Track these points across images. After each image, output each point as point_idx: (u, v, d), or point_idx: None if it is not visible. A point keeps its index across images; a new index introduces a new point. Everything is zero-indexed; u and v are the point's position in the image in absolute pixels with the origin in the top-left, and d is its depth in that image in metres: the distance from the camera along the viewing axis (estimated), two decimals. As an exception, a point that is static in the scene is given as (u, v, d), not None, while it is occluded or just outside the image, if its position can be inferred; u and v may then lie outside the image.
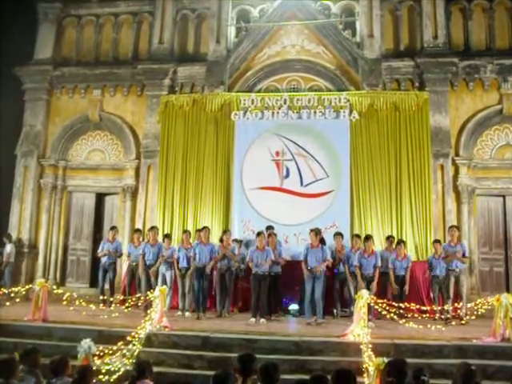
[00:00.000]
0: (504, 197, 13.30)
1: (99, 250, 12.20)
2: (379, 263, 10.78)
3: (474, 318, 10.06)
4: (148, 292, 10.05)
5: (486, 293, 11.94)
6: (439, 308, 10.71)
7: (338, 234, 11.53)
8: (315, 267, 10.23)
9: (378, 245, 12.01)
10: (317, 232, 10.62)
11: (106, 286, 12.02)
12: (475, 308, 9.57)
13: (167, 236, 12.01)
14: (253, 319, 10.39)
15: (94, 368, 6.37)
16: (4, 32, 14.96)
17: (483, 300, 9.41)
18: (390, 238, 11.86)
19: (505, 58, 13.32)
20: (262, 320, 10.38)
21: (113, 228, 12.53)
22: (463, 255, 10.96)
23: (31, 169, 14.66)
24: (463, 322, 10.40)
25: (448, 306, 10.56)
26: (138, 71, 14.38)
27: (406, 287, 11.04)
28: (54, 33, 15.37)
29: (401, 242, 11.53)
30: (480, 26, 13.82)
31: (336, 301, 11.29)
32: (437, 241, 11.55)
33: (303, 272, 10.53)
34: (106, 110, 14.80)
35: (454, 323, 10.35)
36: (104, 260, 12.01)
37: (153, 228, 11.99)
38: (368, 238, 11.08)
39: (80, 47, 15.39)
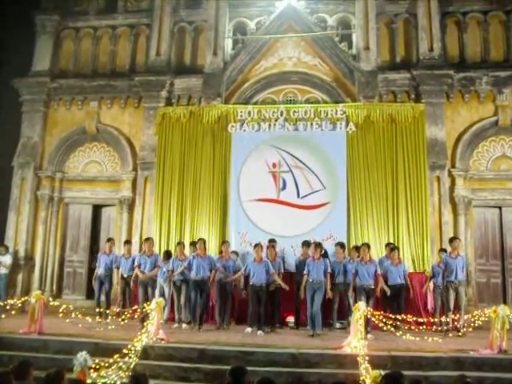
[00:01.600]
0: (500, 208, 13.34)
1: (97, 264, 12.16)
2: (379, 270, 10.78)
3: (471, 329, 10.06)
4: (144, 304, 10.03)
5: (483, 304, 11.95)
6: (436, 319, 10.68)
7: (339, 245, 11.54)
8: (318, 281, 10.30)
9: (375, 257, 11.99)
10: (317, 245, 10.70)
11: (103, 298, 11.99)
12: (472, 320, 9.56)
13: (167, 253, 11.99)
14: (249, 329, 10.41)
15: (90, 381, 6.34)
16: (2, 44, 15.02)
17: (480, 312, 9.40)
18: (388, 245, 11.87)
19: (500, 70, 13.42)
20: (259, 332, 10.38)
21: (109, 240, 12.51)
22: (462, 268, 10.92)
23: (28, 180, 14.65)
24: (460, 333, 10.37)
25: (446, 318, 10.53)
26: (135, 83, 14.43)
27: (402, 300, 11.01)
28: (51, 45, 15.41)
29: (394, 248, 11.53)
30: (475, 39, 13.93)
31: (333, 312, 11.27)
32: (442, 249, 11.57)
33: (302, 286, 10.55)
34: (103, 121, 14.83)
35: (451, 335, 10.33)
36: (100, 272, 11.98)
37: (148, 239, 11.99)
38: (364, 245, 11.09)
39: (77, 59, 15.45)
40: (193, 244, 11.83)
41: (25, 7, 15.56)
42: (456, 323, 10.34)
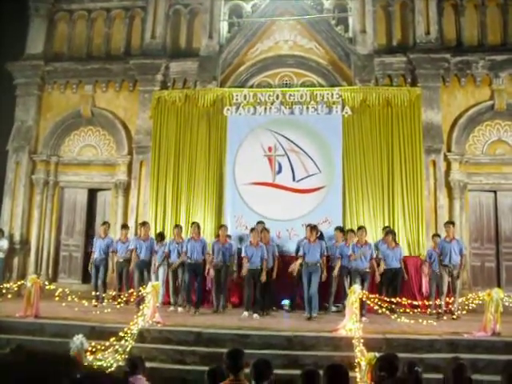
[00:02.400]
0: (495, 192, 13.38)
1: (93, 249, 12.17)
2: (374, 254, 10.85)
3: (465, 312, 10.14)
4: (140, 287, 10.07)
5: (478, 288, 12.00)
6: (431, 303, 10.75)
7: (338, 229, 11.55)
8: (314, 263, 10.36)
9: (371, 239, 12.07)
10: (313, 227, 10.73)
11: (99, 282, 12.02)
12: (466, 303, 9.64)
13: (161, 235, 12.03)
14: (245, 313, 10.47)
15: (87, 364, 6.37)
16: (-5, 27, 14.88)
17: (474, 295, 9.47)
18: (384, 229, 11.92)
19: (496, 53, 13.36)
20: (256, 315, 10.45)
21: (104, 223, 12.52)
22: (460, 251, 10.97)
23: (23, 164, 14.59)
24: (454, 316, 10.45)
25: (440, 301, 10.62)
26: (130, 66, 14.33)
27: (398, 284, 11.09)
28: (45, 28, 15.26)
29: (390, 231, 11.57)
30: (472, 22, 13.85)
31: (330, 296, 11.33)
32: (436, 235, 11.63)
33: (296, 267, 10.62)
34: (98, 105, 14.75)
35: (445, 318, 10.40)
36: (95, 256, 12.00)
37: (144, 223, 12.00)
38: (360, 228, 11.15)
39: (72, 42, 15.29)
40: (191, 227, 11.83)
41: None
42: (450, 306, 10.42)
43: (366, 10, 13.87)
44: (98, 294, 11.38)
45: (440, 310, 10.61)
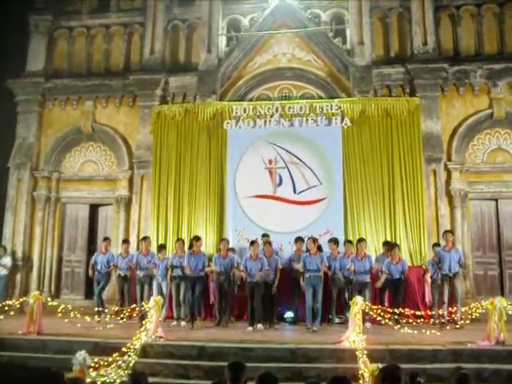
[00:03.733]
0: (496, 200, 13.38)
1: (91, 262, 12.18)
2: (374, 265, 10.87)
3: (468, 322, 10.09)
4: (143, 302, 10.06)
5: (481, 297, 11.97)
6: (434, 313, 10.70)
7: (333, 241, 11.57)
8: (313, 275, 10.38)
9: (373, 251, 12.08)
10: (314, 240, 10.76)
11: (103, 297, 12.02)
12: (470, 312, 9.60)
13: (162, 247, 12.05)
14: (250, 328, 10.43)
15: (89, 380, 6.36)
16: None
17: (477, 304, 9.44)
18: (386, 244, 11.91)
19: (494, 62, 13.43)
20: (260, 325, 10.45)
21: (105, 239, 12.52)
22: (459, 260, 10.98)
23: (24, 181, 14.63)
24: (457, 326, 10.41)
25: (442, 311, 10.59)
26: (130, 82, 14.42)
27: (401, 295, 11.05)
28: (45, 45, 15.37)
29: (395, 245, 11.56)
30: (469, 32, 13.93)
31: (332, 307, 11.31)
32: (436, 244, 11.63)
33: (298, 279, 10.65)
34: (99, 121, 14.82)
35: (448, 327, 10.36)
36: (97, 272, 12.00)
37: (145, 238, 12.01)
38: (360, 240, 11.17)
39: (71, 59, 15.41)
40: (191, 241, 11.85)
41: (18, 7, 15.54)
42: (453, 316, 10.38)
43: (364, 22, 13.97)
44: (99, 309, 11.36)
45: (443, 320, 10.58)
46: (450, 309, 10.36)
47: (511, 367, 7.76)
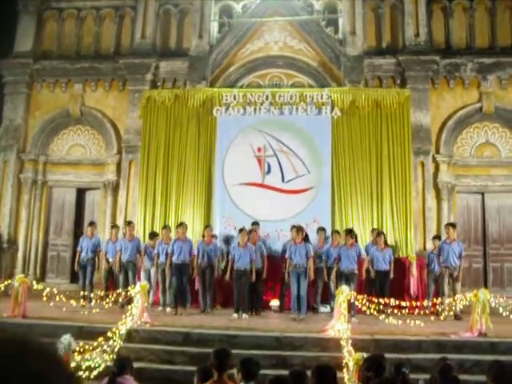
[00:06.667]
0: (483, 194, 13.49)
1: (78, 248, 12.11)
2: (364, 254, 10.88)
3: (451, 313, 10.20)
4: (127, 288, 10.07)
5: (464, 288, 12.06)
6: (426, 304, 10.66)
7: (322, 230, 11.59)
8: (301, 264, 10.36)
9: (359, 241, 12.11)
10: (299, 229, 10.73)
11: (87, 282, 11.97)
12: (454, 304, 9.69)
13: (154, 234, 12.02)
14: (235, 315, 10.46)
15: (74, 364, 6.34)
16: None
17: (461, 296, 9.53)
18: (374, 231, 11.96)
19: (485, 56, 13.48)
20: (245, 315, 10.45)
21: (91, 223, 12.44)
22: (460, 253, 11.04)
23: (11, 163, 14.49)
24: (457, 316, 10.43)
25: (442, 300, 10.51)
26: (120, 66, 14.29)
27: (387, 286, 11.09)
28: (34, 25, 15.16)
29: (380, 233, 11.61)
30: (461, 25, 13.95)
31: (317, 297, 11.37)
32: (436, 237, 11.69)
33: (286, 269, 10.64)
34: (88, 104, 14.69)
35: (441, 318, 10.35)
36: (82, 255, 11.93)
37: (129, 223, 11.97)
38: (349, 232, 11.13)
39: (61, 40, 15.22)
40: (176, 228, 11.84)
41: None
42: (454, 308, 10.37)
43: (356, 12, 13.94)
44: (85, 294, 11.32)
45: (439, 309, 10.53)
46: (451, 300, 10.27)
47: (493, 358, 7.84)
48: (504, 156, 13.45)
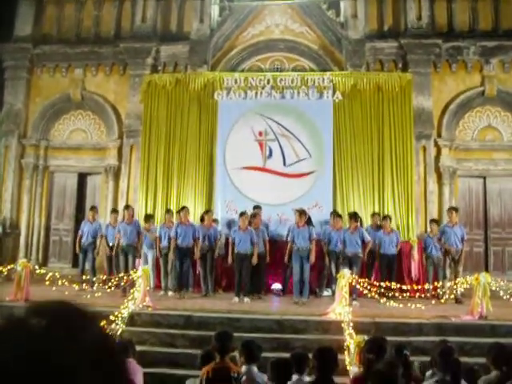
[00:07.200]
0: (485, 178, 13.46)
1: (79, 232, 12.15)
2: (368, 238, 10.88)
3: (453, 296, 10.24)
4: (129, 272, 10.12)
5: (466, 272, 12.10)
6: (427, 287, 10.69)
7: (335, 214, 11.57)
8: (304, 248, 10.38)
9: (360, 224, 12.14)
10: (302, 212, 10.74)
11: (87, 267, 12.00)
12: (454, 287, 9.73)
13: (149, 216, 12.06)
14: (236, 298, 10.50)
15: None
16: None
17: (462, 279, 9.57)
18: (375, 215, 11.98)
19: (487, 40, 13.36)
20: (246, 299, 10.49)
21: (92, 208, 12.48)
22: (462, 237, 11.07)
23: (12, 149, 14.47)
24: (458, 300, 10.46)
25: (441, 285, 10.51)
26: (121, 50, 14.20)
27: (394, 270, 11.13)
28: (34, 9, 15.02)
29: (386, 217, 11.63)
30: (463, 8, 13.81)
31: (322, 280, 11.40)
32: (433, 220, 11.71)
33: (287, 252, 10.68)
34: (88, 89, 14.63)
35: (442, 301, 10.37)
36: (83, 240, 11.97)
37: (127, 207, 11.97)
38: (353, 215, 11.13)
39: (61, 25, 15.10)
40: (179, 212, 11.86)
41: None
42: (454, 291, 10.40)
43: (358, -5, 13.81)
44: (87, 278, 11.37)
45: (440, 292, 10.54)
46: (452, 283, 10.28)
47: (493, 340, 7.88)
48: (506, 140, 13.40)
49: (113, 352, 0.94)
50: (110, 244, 11.79)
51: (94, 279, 11.44)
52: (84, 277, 11.38)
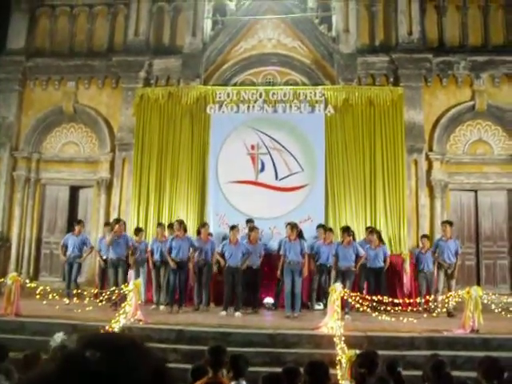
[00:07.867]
0: (476, 191, 13.53)
1: (61, 243, 12.10)
2: (362, 252, 10.88)
3: (444, 310, 10.25)
4: (120, 286, 10.06)
5: (458, 286, 12.11)
6: (419, 301, 10.70)
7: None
8: (295, 261, 10.39)
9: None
10: (293, 226, 10.74)
11: (72, 280, 11.90)
12: (446, 301, 9.74)
13: (139, 230, 12.01)
14: (223, 312, 10.45)
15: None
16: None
17: (454, 293, 9.59)
18: (368, 229, 11.99)
19: (478, 54, 13.49)
20: (237, 313, 10.44)
21: (79, 222, 12.42)
22: (456, 251, 11.11)
23: (4, 161, 14.41)
24: (450, 313, 10.47)
25: (433, 298, 10.50)
26: (113, 63, 14.23)
27: (382, 283, 11.13)
28: (27, 22, 15.04)
29: (372, 231, 11.64)
30: (454, 23, 13.96)
31: (313, 294, 11.38)
32: (425, 236, 11.73)
33: (280, 266, 10.66)
34: (81, 102, 14.63)
35: (434, 315, 10.40)
36: (68, 253, 11.88)
37: (118, 220, 11.90)
38: (346, 230, 11.13)
39: (54, 38, 15.13)
40: (170, 226, 11.81)
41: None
42: (446, 305, 10.42)
43: (350, 9, 13.92)
44: (73, 292, 11.24)
45: (432, 306, 10.55)
46: (444, 297, 10.29)
47: (485, 354, 7.88)
48: (496, 153, 13.49)
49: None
50: (104, 257, 11.72)
51: (74, 292, 11.25)
52: (67, 291, 11.31)
